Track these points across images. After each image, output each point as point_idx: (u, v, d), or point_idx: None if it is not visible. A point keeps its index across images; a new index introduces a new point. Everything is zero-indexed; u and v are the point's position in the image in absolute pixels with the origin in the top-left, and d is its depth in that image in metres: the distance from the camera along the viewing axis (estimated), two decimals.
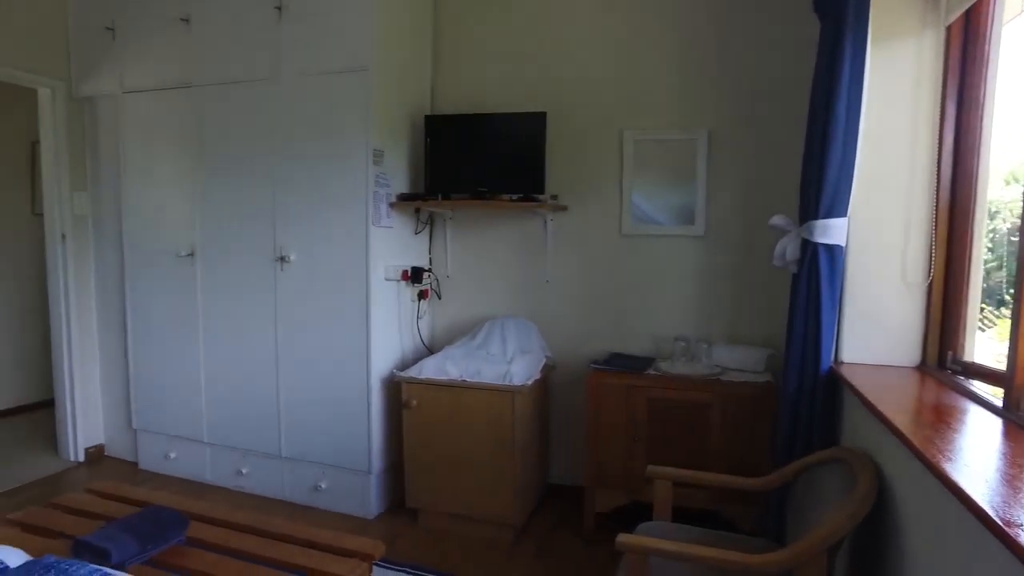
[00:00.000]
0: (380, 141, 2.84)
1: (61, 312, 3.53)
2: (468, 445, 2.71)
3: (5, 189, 4.45)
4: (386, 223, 2.90)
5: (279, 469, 3.12)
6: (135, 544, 1.69)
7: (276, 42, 2.93)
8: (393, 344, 3.03)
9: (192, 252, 3.20)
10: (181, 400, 3.33)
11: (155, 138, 3.29)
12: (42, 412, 4.42)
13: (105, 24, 3.36)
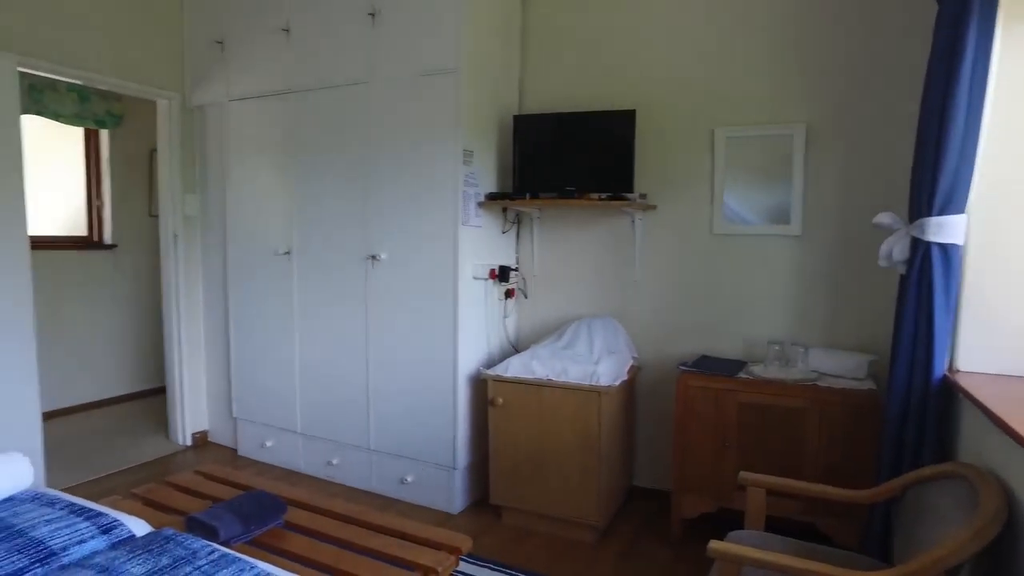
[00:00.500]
0: (469, 141, 2.88)
1: (172, 307, 3.79)
2: (553, 444, 2.71)
3: (128, 194, 4.82)
4: (475, 222, 2.94)
5: (367, 461, 3.22)
6: (239, 524, 1.79)
7: (369, 47, 3.02)
8: (480, 342, 3.06)
9: (289, 251, 3.36)
10: (277, 392, 3.50)
11: (256, 142, 3.47)
12: (156, 398, 4.76)
13: (215, 38, 3.58)
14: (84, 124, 4.46)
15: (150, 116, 4.43)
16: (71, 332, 4.49)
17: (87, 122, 4.46)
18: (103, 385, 4.73)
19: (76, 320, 4.53)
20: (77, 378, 4.54)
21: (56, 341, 4.28)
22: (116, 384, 4.82)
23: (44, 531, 1.55)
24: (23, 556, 1.45)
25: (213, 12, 3.59)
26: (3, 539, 1.51)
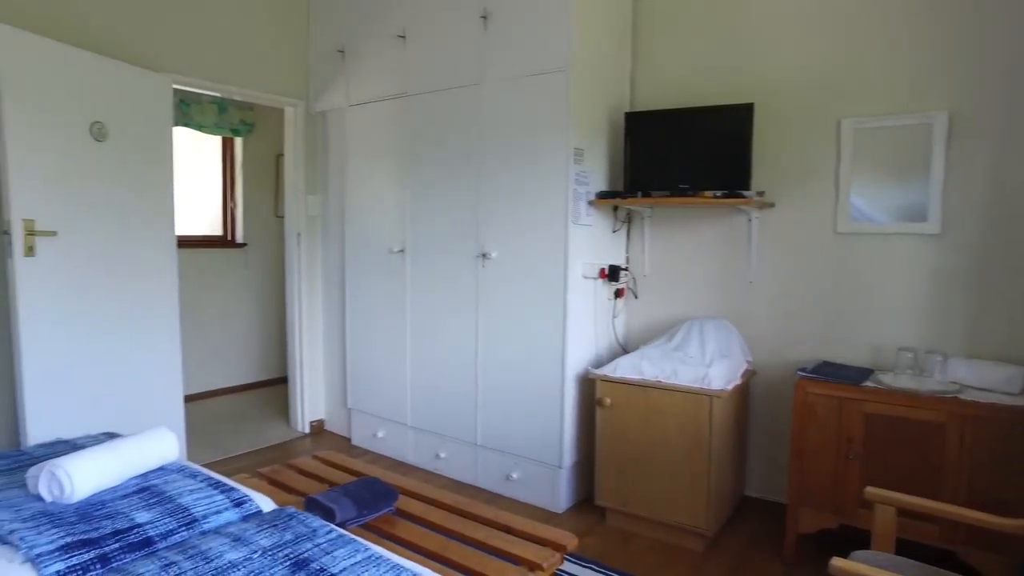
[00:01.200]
0: (580, 140, 2.87)
1: (295, 301, 4.04)
2: (661, 447, 2.64)
3: (257, 197, 5.20)
4: (585, 221, 2.92)
5: (474, 456, 3.28)
6: (354, 508, 1.87)
7: (481, 49, 3.08)
8: (588, 341, 3.04)
9: (403, 248, 3.48)
10: (389, 385, 3.64)
11: (373, 145, 3.63)
12: (278, 388, 5.10)
13: (337, 48, 3.78)
14: (222, 133, 4.85)
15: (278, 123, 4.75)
16: (206, 324, 4.89)
17: (224, 131, 4.84)
18: (232, 373, 5.12)
19: (211, 313, 4.93)
20: (210, 366, 4.93)
21: (194, 332, 4.67)
22: (243, 373, 5.20)
23: (189, 499, 1.69)
24: (173, 519, 1.60)
25: (335, 23, 3.80)
26: (157, 503, 1.67)
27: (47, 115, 2.73)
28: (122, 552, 1.48)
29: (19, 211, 2.64)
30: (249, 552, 1.43)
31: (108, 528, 1.54)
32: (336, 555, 1.43)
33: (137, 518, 1.59)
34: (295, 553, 1.43)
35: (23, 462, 1.96)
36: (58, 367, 2.81)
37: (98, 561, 1.44)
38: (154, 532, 1.55)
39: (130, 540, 1.51)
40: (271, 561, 1.39)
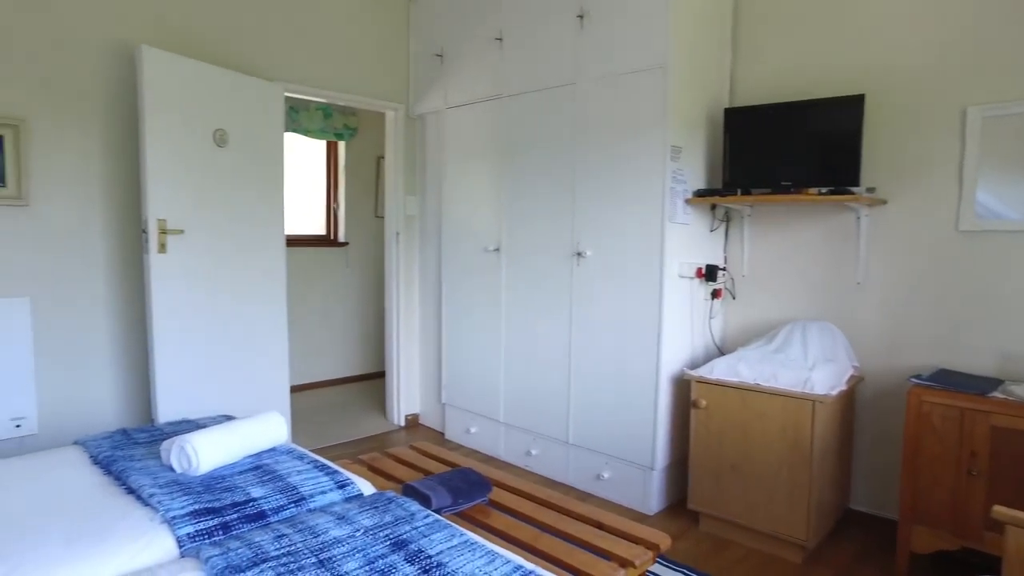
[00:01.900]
0: (677, 137, 2.82)
1: (393, 298, 4.19)
2: (759, 452, 2.55)
3: (359, 198, 5.44)
4: (681, 219, 2.87)
5: (565, 454, 3.28)
6: (449, 496, 1.92)
7: (576, 49, 3.09)
8: (684, 342, 2.98)
9: (498, 247, 3.54)
10: (482, 381, 3.71)
11: (470, 145, 3.71)
12: (374, 382, 5.31)
13: (435, 52, 3.90)
14: (326, 137, 5.10)
15: (379, 127, 4.94)
16: (309, 320, 5.16)
17: (329, 135, 5.10)
18: (332, 367, 5.37)
19: (313, 309, 5.20)
20: (312, 359, 5.20)
21: (298, 327, 4.94)
22: (343, 367, 5.44)
23: (297, 479, 1.80)
24: (283, 496, 1.71)
25: (434, 29, 3.92)
26: (270, 480, 1.79)
27: (178, 124, 2.98)
28: (240, 522, 1.60)
29: (154, 212, 2.89)
30: (352, 530, 1.51)
31: (228, 500, 1.67)
32: (433, 538, 1.48)
33: (252, 493, 1.72)
34: (394, 534, 1.50)
35: (157, 437, 2.15)
36: (182, 354, 3.05)
37: (220, 528, 1.56)
38: (267, 506, 1.67)
39: (247, 512, 1.63)
40: (372, 539, 1.46)
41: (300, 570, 1.32)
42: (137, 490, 1.73)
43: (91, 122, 2.96)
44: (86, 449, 2.10)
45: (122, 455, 1.98)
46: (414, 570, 1.33)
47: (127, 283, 3.12)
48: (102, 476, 1.90)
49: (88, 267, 3.02)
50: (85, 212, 2.98)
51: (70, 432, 2.97)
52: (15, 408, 2.85)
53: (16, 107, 2.77)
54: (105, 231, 3.04)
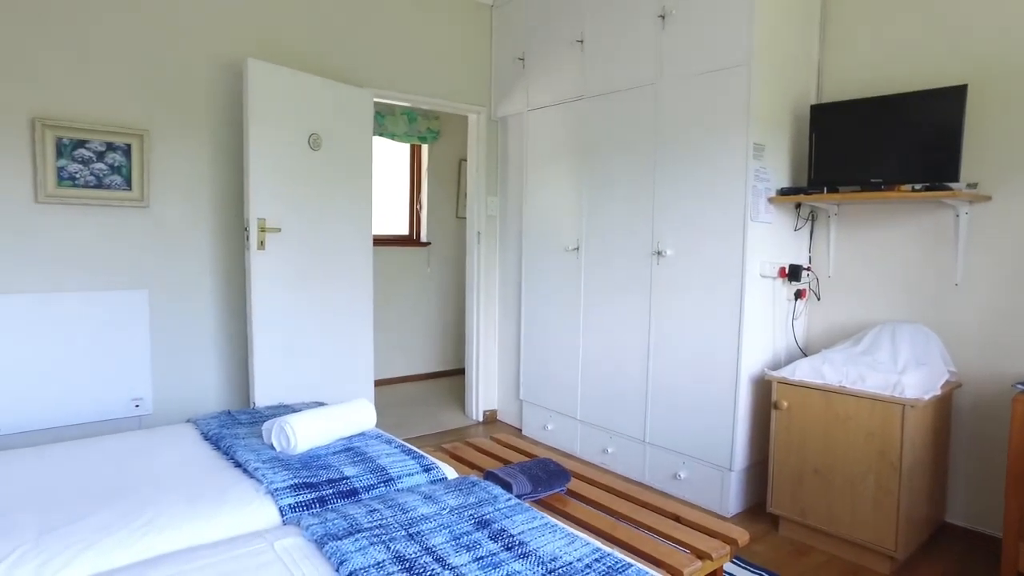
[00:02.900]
0: (760, 135, 2.79)
1: (473, 297, 4.31)
2: (844, 457, 2.48)
3: (441, 199, 5.61)
4: (764, 218, 2.83)
5: (641, 452, 3.29)
6: (529, 484, 1.99)
7: (658, 48, 3.10)
8: (765, 342, 2.94)
9: (577, 247, 3.59)
10: (560, 379, 3.76)
11: (550, 146, 3.78)
12: (452, 379, 5.46)
13: (517, 56, 3.99)
14: (410, 141, 5.30)
15: (460, 130, 5.09)
16: (391, 316, 5.36)
17: (413, 139, 5.29)
18: (412, 362, 5.55)
19: (395, 306, 5.40)
20: (393, 355, 5.39)
21: (380, 323, 5.14)
22: (422, 363, 5.62)
23: (386, 461, 1.92)
24: (374, 476, 1.82)
25: (516, 34, 4.01)
26: (361, 461, 1.91)
27: (277, 130, 3.19)
28: (335, 497, 1.72)
29: (255, 211, 3.11)
30: (439, 508, 1.60)
31: (324, 476, 1.80)
32: (515, 520, 1.55)
33: (345, 471, 1.84)
34: (478, 514, 1.58)
35: (257, 418, 2.33)
36: (277, 345, 3.27)
37: (317, 501, 1.69)
38: (359, 484, 1.79)
39: (341, 488, 1.75)
40: (458, 518, 1.55)
41: (392, 541, 1.41)
42: (243, 464, 1.89)
43: (201, 130, 3.22)
44: (197, 427, 2.30)
45: (229, 433, 2.16)
46: (497, 547, 1.41)
47: (230, 278, 3.37)
48: (212, 450, 2.08)
49: (197, 263, 3.28)
50: (195, 212, 3.24)
51: (179, 413, 3.24)
52: (135, 390, 3.13)
53: (142, 119, 3.05)
54: (212, 230, 3.30)
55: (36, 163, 2.82)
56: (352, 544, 1.39)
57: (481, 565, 1.33)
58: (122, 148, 3.03)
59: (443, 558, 1.35)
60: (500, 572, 1.30)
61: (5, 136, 2.76)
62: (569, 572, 1.31)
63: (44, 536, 1.44)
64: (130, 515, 1.58)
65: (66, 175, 2.91)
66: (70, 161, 2.91)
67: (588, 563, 1.35)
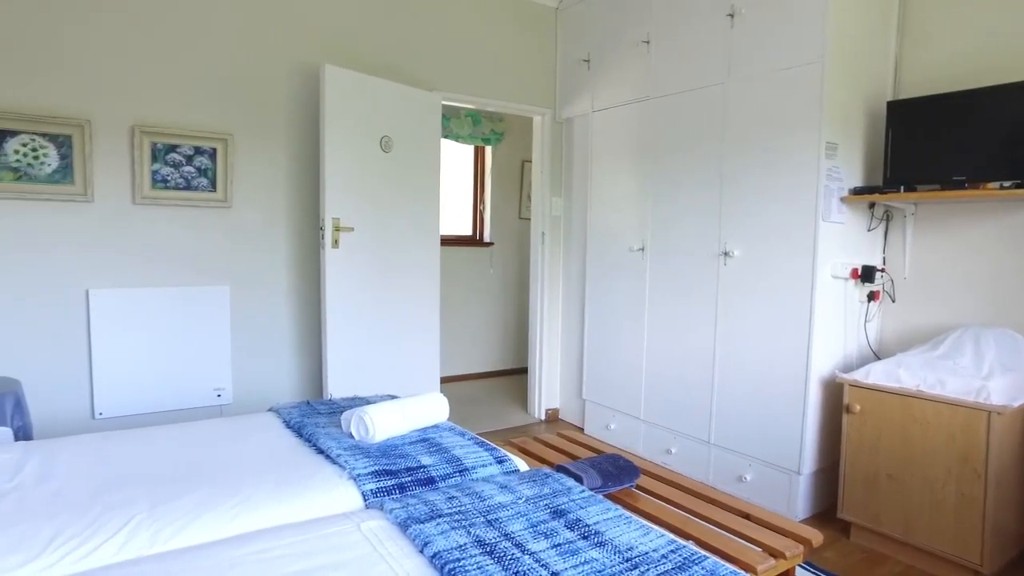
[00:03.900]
0: (832, 134, 2.74)
1: (537, 296, 4.36)
2: (921, 464, 2.42)
3: (504, 200, 5.69)
4: (836, 218, 2.78)
5: (706, 454, 3.27)
6: (599, 478, 2.02)
7: (726, 48, 3.08)
8: (835, 345, 2.88)
9: (643, 247, 3.59)
10: (623, 378, 3.77)
11: (615, 147, 3.80)
12: (513, 378, 5.52)
13: (583, 57, 4.03)
14: (475, 142, 5.39)
15: (523, 132, 5.15)
16: (454, 315, 5.46)
17: (477, 140, 5.39)
18: (474, 361, 5.65)
19: (458, 305, 5.50)
20: (455, 353, 5.49)
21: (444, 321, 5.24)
22: (484, 361, 5.71)
23: (460, 452, 1.98)
24: (449, 466, 1.89)
25: (582, 36, 4.05)
26: (436, 451, 1.99)
27: (351, 132, 3.32)
28: (414, 484, 1.79)
29: (330, 211, 3.25)
30: (514, 497, 1.65)
31: (402, 465, 1.88)
32: (589, 510, 1.59)
33: (422, 460, 1.92)
34: (553, 504, 1.62)
35: (335, 409, 2.44)
36: (348, 340, 3.40)
37: (397, 488, 1.77)
38: (436, 473, 1.86)
39: (419, 476, 1.83)
40: (533, 507, 1.60)
41: (471, 526, 1.47)
42: (326, 450, 1.99)
43: (278, 134, 3.38)
44: (279, 415, 2.43)
45: (310, 422, 2.27)
46: (574, 535, 1.45)
47: (304, 275, 3.52)
48: (294, 438, 2.19)
49: (274, 260, 3.44)
50: (272, 212, 3.41)
51: (256, 403, 3.41)
52: (216, 380, 3.31)
53: (226, 123, 3.23)
54: (288, 229, 3.46)
55: (134, 167, 3.03)
56: (434, 528, 1.45)
57: (559, 551, 1.37)
58: (208, 152, 3.21)
59: (522, 544, 1.40)
60: (578, 559, 1.34)
61: (110, 143, 2.97)
62: (645, 562, 1.34)
63: (155, 508, 1.57)
64: (225, 494, 1.69)
65: (159, 178, 3.10)
66: (163, 165, 3.10)
67: (664, 553, 1.38)
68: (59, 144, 2.87)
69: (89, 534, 1.44)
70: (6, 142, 2.76)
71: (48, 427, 2.89)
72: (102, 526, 1.47)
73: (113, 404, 3.06)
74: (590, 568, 1.31)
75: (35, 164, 2.83)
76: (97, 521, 1.49)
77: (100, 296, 3.00)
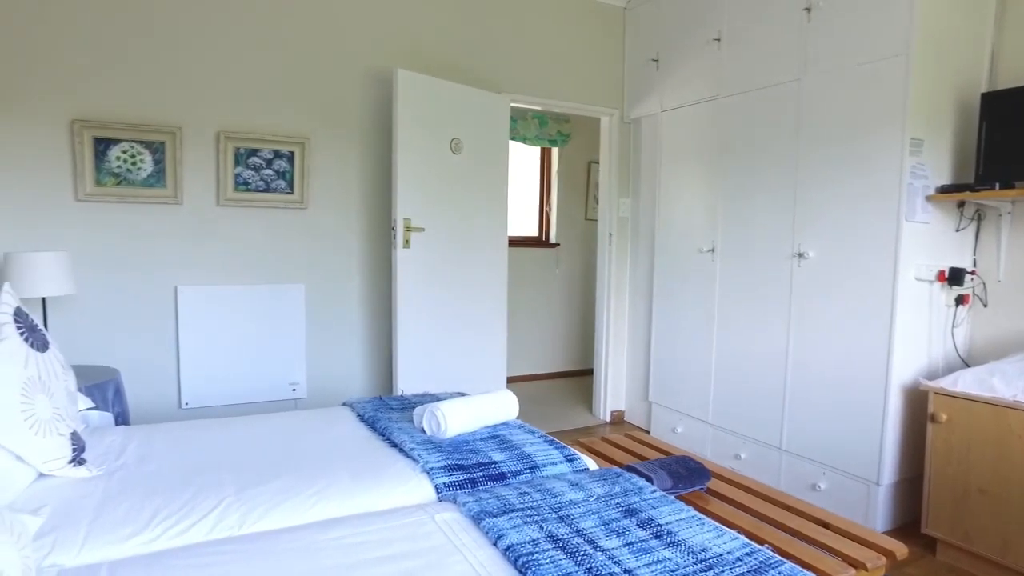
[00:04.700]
0: (918, 129, 2.62)
1: (604, 298, 4.34)
2: (1021, 480, 2.28)
3: (570, 201, 5.69)
4: (921, 218, 2.66)
5: (776, 460, 3.18)
6: (669, 480, 2.00)
7: (802, 43, 2.99)
8: (919, 351, 2.75)
9: (713, 248, 3.53)
10: (691, 381, 3.71)
11: (685, 147, 3.74)
12: (579, 379, 5.51)
13: (651, 57, 3.99)
14: (541, 144, 5.41)
15: (589, 133, 5.15)
16: (519, 316, 5.49)
17: (543, 142, 5.40)
18: (538, 362, 5.66)
19: (524, 306, 5.53)
20: (520, 353, 5.52)
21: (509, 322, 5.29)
22: (549, 362, 5.72)
23: (531, 450, 2.00)
24: (520, 462, 1.92)
25: (650, 35, 4.01)
26: (507, 448, 2.01)
27: (422, 134, 3.40)
28: (485, 479, 1.82)
29: (402, 211, 3.33)
30: (586, 495, 1.66)
31: (473, 460, 1.91)
32: (661, 510, 1.57)
33: (493, 456, 1.94)
34: (625, 503, 1.62)
35: (406, 405, 2.50)
36: (417, 338, 3.47)
37: (469, 483, 1.80)
38: (507, 469, 1.88)
39: (490, 472, 1.86)
40: (605, 505, 1.60)
41: (543, 521, 1.49)
42: (399, 444, 2.04)
43: (351, 137, 3.50)
44: (353, 409, 2.51)
45: (383, 416, 2.33)
46: (646, 534, 1.44)
47: (375, 274, 3.63)
48: (368, 431, 2.26)
49: (347, 260, 3.56)
50: (346, 213, 3.52)
51: (328, 398, 3.53)
52: (291, 375, 3.45)
53: (303, 127, 3.37)
54: (360, 230, 3.57)
55: (219, 171, 3.19)
56: (507, 522, 1.48)
57: (632, 550, 1.37)
58: (286, 155, 3.35)
59: (594, 541, 1.40)
60: (651, 557, 1.34)
61: (198, 148, 3.15)
62: (719, 563, 1.33)
63: (242, 493, 1.65)
64: (304, 482, 1.76)
65: (241, 180, 3.26)
66: (245, 168, 3.26)
67: (739, 556, 1.36)
68: (154, 150, 3.06)
69: (185, 513, 1.53)
70: (110, 149, 2.96)
71: (141, 414, 3.09)
72: (196, 506, 1.57)
73: (197, 395, 3.23)
74: (663, 567, 1.30)
75: (133, 169, 3.02)
76: (191, 502, 1.59)
77: (187, 292, 3.18)
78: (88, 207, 2.97)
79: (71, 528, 1.43)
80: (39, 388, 1.68)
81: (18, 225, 2.86)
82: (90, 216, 2.97)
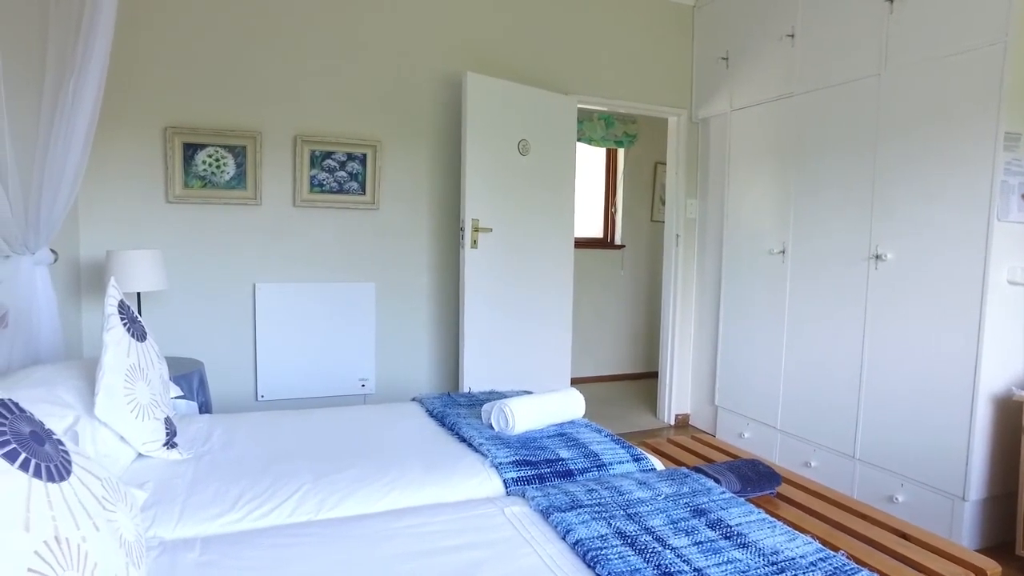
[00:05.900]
0: (1014, 122, 2.48)
1: (670, 300, 4.29)
2: None
3: (636, 202, 5.64)
4: (1016, 217, 2.52)
5: (850, 469, 3.07)
6: (738, 483, 1.97)
7: (883, 36, 2.88)
8: (1012, 358, 2.60)
9: (783, 249, 3.44)
10: (760, 386, 3.62)
11: (755, 146, 3.66)
12: (643, 381, 5.45)
13: (720, 55, 3.92)
14: (607, 145, 5.39)
15: (654, 134, 5.10)
16: (583, 317, 5.48)
17: (609, 143, 5.38)
18: (602, 363, 5.64)
19: (588, 307, 5.51)
20: (584, 355, 5.50)
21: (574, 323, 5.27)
22: (612, 364, 5.68)
23: (597, 448, 2.01)
24: (587, 460, 1.93)
25: (719, 33, 3.95)
26: (574, 446, 2.03)
27: (491, 136, 3.45)
28: (552, 475, 1.84)
29: (470, 212, 3.39)
30: (654, 494, 1.65)
31: (541, 456, 1.93)
32: (731, 512, 1.56)
33: (560, 454, 1.96)
34: (693, 503, 1.61)
35: (473, 401, 2.54)
36: (484, 336, 3.52)
37: (536, 478, 1.83)
38: (574, 466, 1.90)
39: (557, 468, 1.88)
40: (673, 504, 1.59)
41: (612, 518, 1.50)
42: (468, 439, 2.08)
43: (422, 139, 3.59)
44: (422, 404, 2.57)
45: (451, 412, 2.38)
46: (715, 535, 1.43)
47: (443, 274, 3.70)
48: (437, 426, 2.31)
49: (416, 260, 3.65)
50: (415, 214, 3.61)
51: (396, 394, 3.62)
52: (361, 371, 3.56)
53: (375, 130, 3.48)
54: (429, 230, 3.65)
55: (296, 173, 3.33)
56: (575, 517, 1.49)
57: (701, 549, 1.36)
58: (359, 158, 3.46)
59: (663, 539, 1.40)
60: (721, 557, 1.33)
61: (276, 151, 3.30)
62: (792, 567, 1.30)
63: (318, 480, 1.73)
64: (378, 473, 1.82)
65: (316, 182, 3.39)
66: (319, 170, 3.39)
67: (812, 561, 1.33)
68: (236, 154, 3.22)
69: (266, 497, 1.62)
70: (197, 154, 3.14)
71: (221, 404, 3.25)
72: (276, 491, 1.65)
73: (273, 388, 3.38)
74: (733, 568, 1.29)
75: (217, 172, 3.19)
76: (272, 487, 1.67)
77: (265, 289, 3.33)
78: (177, 208, 3.16)
79: (168, 504, 1.53)
80: (139, 375, 1.80)
81: (119, 225, 3.07)
82: (178, 216, 3.16)
